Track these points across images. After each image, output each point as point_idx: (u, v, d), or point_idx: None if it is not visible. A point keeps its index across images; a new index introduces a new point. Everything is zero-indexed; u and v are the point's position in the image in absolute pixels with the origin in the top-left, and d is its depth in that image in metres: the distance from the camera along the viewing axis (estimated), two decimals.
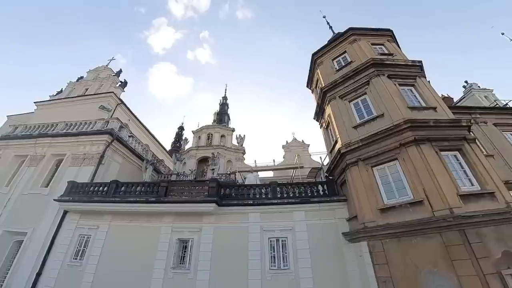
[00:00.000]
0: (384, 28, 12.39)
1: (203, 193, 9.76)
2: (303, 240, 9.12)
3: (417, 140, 7.56)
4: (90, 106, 17.19)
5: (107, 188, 10.41)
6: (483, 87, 17.91)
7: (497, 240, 5.88)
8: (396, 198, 7.47)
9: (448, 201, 6.42)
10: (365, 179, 8.29)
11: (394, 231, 6.89)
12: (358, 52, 11.28)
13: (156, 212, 9.97)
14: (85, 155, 11.95)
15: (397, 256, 6.65)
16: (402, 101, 8.91)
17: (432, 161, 7.16)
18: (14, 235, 10.24)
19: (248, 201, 9.92)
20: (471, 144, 7.88)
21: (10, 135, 12.74)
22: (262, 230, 9.45)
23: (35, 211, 10.41)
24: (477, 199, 6.62)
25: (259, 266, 8.73)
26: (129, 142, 14.40)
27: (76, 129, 13.01)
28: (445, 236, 6.09)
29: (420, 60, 10.54)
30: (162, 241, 9.59)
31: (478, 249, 5.70)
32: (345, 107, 10.36)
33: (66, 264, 9.49)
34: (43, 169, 11.80)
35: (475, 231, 5.96)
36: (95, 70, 21.30)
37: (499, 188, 6.84)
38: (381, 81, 9.58)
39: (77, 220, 10.36)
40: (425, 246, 6.30)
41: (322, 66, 12.80)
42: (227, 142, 23.08)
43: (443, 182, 6.74)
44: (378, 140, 8.38)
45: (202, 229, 9.69)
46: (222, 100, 59.39)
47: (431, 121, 7.99)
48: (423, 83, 9.88)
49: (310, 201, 9.72)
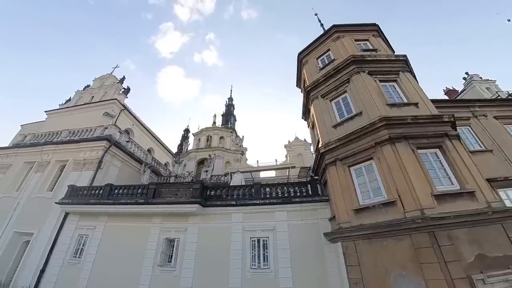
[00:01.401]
0: (369, 23, 11.80)
1: (187, 195, 9.88)
2: (284, 240, 8.97)
3: (392, 138, 7.14)
4: (95, 113, 17.85)
5: (102, 191, 10.84)
6: (485, 78, 16.49)
7: (471, 243, 5.44)
8: (371, 198, 7.12)
9: (420, 201, 6.02)
10: (342, 179, 7.98)
11: (366, 232, 6.58)
12: (341, 49, 10.84)
13: (145, 213, 10.24)
14: (85, 160, 12.51)
15: (369, 258, 6.35)
16: (381, 98, 8.45)
17: (407, 160, 6.73)
18: (22, 236, 10.97)
19: (232, 201, 9.91)
20: (453, 140, 7.31)
21: (20, 144, 13.66)
22: (244, 230, 9.40)
23: (40, 214, 11.08)
24: (454, 199, 6.15)
25: (240, 265, 8.71)
26: (128, 147, 14.86)
27: (78, 136, 13.65)
28: (414, 238, 5.72)
29: (405, 54, 9.94)
30: (151, 241, 9.84)
31: (447, 252, 5.30)
32: (326, 106, 10.01)
33: (66, 261, 10.02)
34: (48, 174, 12.52)
35: (446, 233, 5.54)
36: (100, 78, 22.04)
37: (480, 187, 6.31)
38: (361, 78, 9.14)
39: (77, 221, 10.89)
40: (395, 248, 5.95)
41: (307, 65, 12.45)
42: (226, 143, 23.22)
43: (416, 182, 6.33)
44: (355, 139, 8.02)
45: (187, 229, 9.82)
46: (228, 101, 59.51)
47: (409, 118, 7.51)
48: (407, 78, 9.30)
49: (292, 201, 9.53)
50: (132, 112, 21.64)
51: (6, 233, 10.87)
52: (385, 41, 12.02)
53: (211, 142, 22.50)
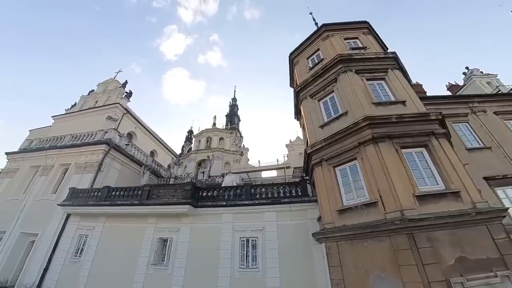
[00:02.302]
0: (359, 21, 11.48)
1: (179, 196, 9.99)
2: (273, 240, 8.92)
3: (375, 138, 6.93)
4: (98, 117, 18.20)
5: (100, 193, 11.13)
6: (486, 73, 15.65)
7: (452, 245, 5.21)
8: (355, 199, 6.95)
9: (400, 202, 5.82)
10: (327, 180, 7.83)
11: (348, 233, 6.44)
12: (329, 48, 10.62)
13: (140, 214, 10.45)
14: (86, 163, 12.88)
15: (350, 259, 6.21)
16: (367, 97, 8.22)
17: (389, 160, 6.52)
18: (29, 236, 11.44)
19: (222, 202, 9.95)
20: (440, 139, 7.01)
21: (27, 149, 14.24)
22: (234, 230, 9.42)
23: (45, 215, 11.51)
24: (438, 199, 5.90)
25: (229, 265, 8.75)
26: (128, 150, 15.16)
27: (80, 141, 14.06)
28: (393, 239, 5.54)
29: (394, 51, 9.64)
30: (146, 240, 10.04)
31: (426, 254, 5.10)
32: (314, 106, 9.84)
33: (68, 260, 10.39)
34: (52, 177, 12.98)
35: (426, 235, 5.33)
36: (104, 82, 22.46)
37: (466, 187, 6.02)
38: (347, 78, 8.92)
39: (78, 222, 11.25)
40: (376, 249, 5.79)
41: (298, 65, 12.28)
42: (226, 144, 23.25)
43: (398, 182, 6.12)
44: (340, 139, 7.84)
45: (180, 229, 9.94)
46: (232, 102, 59.49)
47: (394, 117, 7.26)
48: (395, 76, 8.99)
49: (281, 202, 9.46)
50: (135, 115, 21.95)
51: (13, 233, 11.38)
52: (376, 38, 11.67)
53: (210, 143, 22.60)
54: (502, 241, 5.20)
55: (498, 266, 4.93)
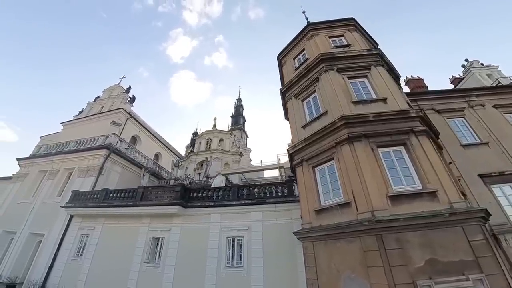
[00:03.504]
0: (345, 18, 11.14)
1: (170, 197, 10.20)
2: (258, 239, 8.93)
3: (351, 137, 6.73)
4: (103, 123, 18.81)
5: (99, 195, 11.58)
6: (487, 64, 14.63)
7: (422, 247, 4.97)
8: (331, 199, 6.80)
9: (372, 203, 5.64)
10: (307, 180, 7.70)
11: (322, 234, 6.32)
12: (314, 48, 10.39)
13: (134, 214, 10.77)
14: (88, 167, 13.42)
15: (324, 259, 6.09)
16: (347, 96, 7.98)
17: (363, 160, 6.32)
18: (37, 237, 12.12)
19: (210, 202, 10.05)
20: (419, 137, 6.70)
21: (36, 155, 15.05)
22: (221, 230, 9.51)
23: (51, 216, 12.14)
24: (412, 200, 5.65)
25: (216, 263, 8.86)
26: (128, 153, 15.62)
27: (84, 146, 14.65)
28: (363, 241, 5.38)
29: (378, 48, 9.33)
30: (140, 239, 10.36)
31: (393, 256, 4.91)
32: (298, 106, 9.69)
33: (70, 258, 10.92)
34: (58, 181, 13.65)
35: (395, 236, 5.13)
36: (109, 89, 23.11)
37: (443, 187, 5.72)
38: (329, 77, 8.70)
39: (80, 223, 11.78)
40: (347, 250, 5.64)
41: (285, 66, 12.12)
42: (226, 145, 23.39)
43: (370, 182, 5.92)
44: (318, 139, 7.68)
45: (171, 228, 10.17)
46: (237, 102, 59.48)
47: (371, 115, 7.01)
48: (378, 72, 8.66)
49: (266, 202, 9.44)
50: (139, 119, 22.41)
51: (23, 234, 12.10)
52: (364, 34, 11.31)
53: (210, 145, 22.82)
54: (478, 243, 4.90)
55: (471, 269, 4.66)
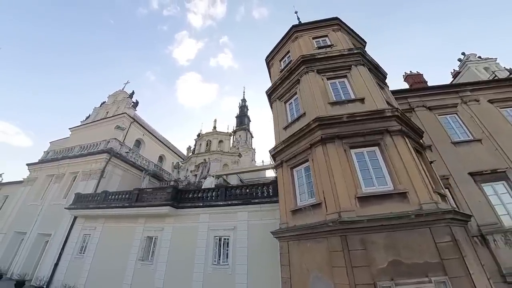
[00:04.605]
0: (330, 18, 11.00)
1: (162, 198, 10.56)
2: (243, 239, 9.10)
3: (324, 139, 6.73)
4: (108, 127, 19.48)
5: (99, 197, 12.16)
6: (485, 57, 13.83)
7: (387, 248, 4.93)
8: (306, 200, 6.85)
9: (340, 204, 5.64)
10: (286, 181, 7.76)
11: (295, 234, 6.39)
12: (297, 49, 10.36)
13: (130, 215, 11.24)
14: (91, 171, 14.09)
15: (296, 258, 6.17)
16: (324, 97, 7.94)
17: (335, 161, 6.30)
18: (45, 237, 12.90)
19: (199, 203, 10.32)
20: (394, 137, 6.58)
21: (44, 160, 15.97)
22: (209, 229, 9.75)
23: (57, 218, 12.89)
24: (381, 201, 5.58)
25: (203, 261, 9.12)
26: (129, 157, 16.21)
27: (87, 151, 15.37)
28: (330, 241, 5.40)
29: (359, 47, 9.16)
30: (136, 238, 10.81)
31: (356, 257, 4.91)
32: (281, 108, 9.72)
33: (74, 256, 11.56)
34: (64, 184, 14.42)
35: (360, 237, 5.12)
36: (114, 94, 23.81)
37: (414, 187, 5.60)
38: (308, 78, 8.68)
39: (83, 223, 12.42)
40: (316, 250, 5.69)
41: (272, 68, 12.15)
42: (225, 146, 23.62)
43: (340, 183, 5.91)
44: (296, 141, 7.71)
45: (164, 228, 10.53)
46: (241, 103, 59.50)
47: (345, 116, 6.95)
48: (358, 72, 8.53)
49: (252, 202, 9.56)
50: (142, 123, 23.03)
51: (32, 234, 12.92)
52: (349, 33, 11.14)
53: (210, 146, 23.14)
54: (445, 245, 4.81)
55: (435, 271, 4.59)
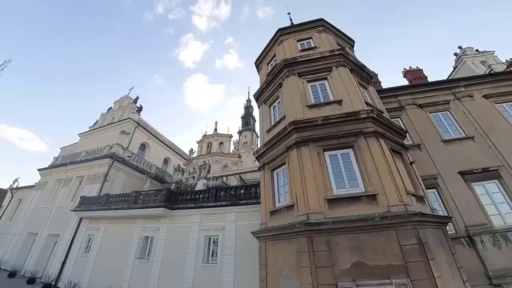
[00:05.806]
0: (315, 20, 11.00)
1: (157, 200, 11.04)
2: (231, 238, 9.38)
3: (298, 142, 6.85)
4: (114, 132, 20.17)
5: (101, 200, 12.86)
6: (482, 50, 13.13)
7: (351, 250, 5.01)
8: (283, 202, 7.01)
9: (309, 206, 5.77)
10: (267, 183, 7.94)
11: (272, 234, 6.56)
12: (282, 53, 10.47)
13: (129, 216, 11.83)
14: (95, 175, 14.88)
15: (271, 258, 6.36)
16: (303, 100, 8.03)
17: (307, 164, 6.41)
18: (54, 237, 13.82)
19: (192, 204, 10.70)
20: (368, 138, 6.59)
21: (53, 165, 17.01)
22: (200, 229, 10.12)
23: (65, 219, 13.76)
24: (350, 203, 5.64)
25: (194, 260, 9.50)
26: (131, 161, 16.91)
27: (92, 156, 16.22)
28: (298, 242, 5.54)
29: (342, 47, 9.12)
30: (135, 238, 11.38)
31: (320, 257, 5.03)
32: (266, 112, 9.87)
33: (79, 255, 12.34)
34: (71, 188, 15.33)
35: (325, 238, 5.23)
36: (119, 100, 24.55)
37: (384, 189, 5.63)
38: (288, 81, 8.78)
39: (88, 224, 13.20)
40: (287, 250, 5.84)
41: (261, 72, 12.29)
42: (225, 148, 23.95)
43: (311, 186, 6.03)
44: (276, 143, 7.86)
45: (160, 228, 11.02)
46: (246, 103, 59.71)
47: (319, 119, 7.02)
48: (339, 73, 8.53)
49: (239, 203, 9.81)
50: (147, 127, 23.77)
51: (43, 235, 13.89)
52: (335, 33, 11.08)
53: (211, 148, 23.56)
54: (409, 247, 4.82)
55: (398, 274, 4.62)
